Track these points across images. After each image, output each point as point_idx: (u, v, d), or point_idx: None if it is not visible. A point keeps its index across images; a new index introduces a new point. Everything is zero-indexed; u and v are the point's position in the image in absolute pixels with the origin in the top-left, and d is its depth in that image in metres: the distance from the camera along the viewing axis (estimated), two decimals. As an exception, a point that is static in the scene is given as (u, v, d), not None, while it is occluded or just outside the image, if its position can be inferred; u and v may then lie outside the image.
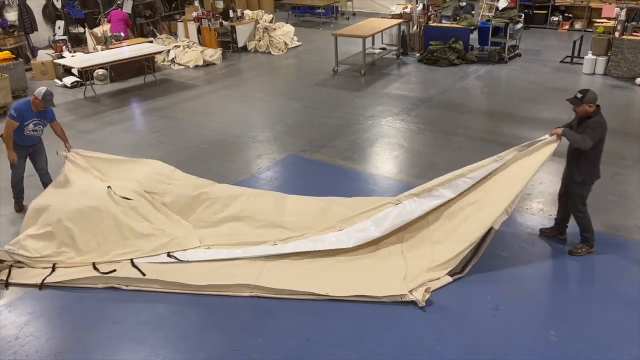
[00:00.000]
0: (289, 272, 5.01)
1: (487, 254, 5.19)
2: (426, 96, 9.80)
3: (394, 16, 13.09)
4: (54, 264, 5.17)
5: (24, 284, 5.02)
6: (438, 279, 4.76)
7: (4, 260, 5.18)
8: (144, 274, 5.00)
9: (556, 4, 14.73)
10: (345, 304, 4.62)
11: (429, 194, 5.23)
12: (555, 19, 14.75)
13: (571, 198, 5.04)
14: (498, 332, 4.29)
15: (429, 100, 9.54)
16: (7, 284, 5.03)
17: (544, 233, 5.44)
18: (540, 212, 5.91)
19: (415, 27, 12.66)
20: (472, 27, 11.96)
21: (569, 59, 11.50)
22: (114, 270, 5.05)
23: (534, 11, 14.89)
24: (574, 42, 11.49)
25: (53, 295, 4.89)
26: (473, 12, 13.08)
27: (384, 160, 7.39)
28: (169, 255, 5.28)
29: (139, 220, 5.52)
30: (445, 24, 12.39)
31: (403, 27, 12.49)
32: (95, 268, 5.10)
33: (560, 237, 5.36)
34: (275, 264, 5.11)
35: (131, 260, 5.20)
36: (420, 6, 12.84)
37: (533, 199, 6.17)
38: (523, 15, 12.70)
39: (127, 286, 4.95)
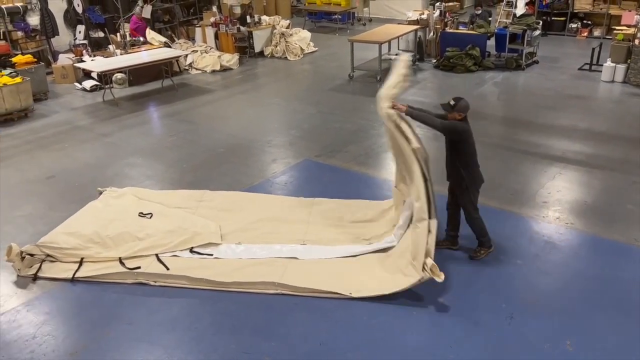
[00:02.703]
0: (313, 270, 5.07)
1: (502, 262, 5.16)
2: (442, 102, 9.74)
3: (410, 22, 13.07)
4: (82, 259, 5.27)
5: (54, 278, 5.13)
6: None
7: (35, 254, 5.27)
8: (168, 269, 5.09)
9: (575, 11, 14.61)
10: (359, 308, 4.61)
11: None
12: (574, 25, 14.62)
13: (463, 206, 5.06)
14: (513, 341, 4.24)
15: (445, 107, 9.50)
16: (35, 278, 5.13)
17: (437, 246, 4.92)
18: (557, 221, 5.85)
19: (431, 34, 12.65)
20: (489, 34, 11.91)
21: (587, 67, 11.39)
22: (139, 267, 5.13)
23: (552, 18, 14.78)
24: (593, 49, 11.38)
25: (70, 295, 4.95)
26: (490, 18, 13.02)
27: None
28: (191, 251, 5.38)
29: (164, 217, 5.81)
30: (462, 30, 12.35)
31: (419, 33, 12.49)
32: (121, 263, 5.19)
33: (453, 248, 5.27)
34: (299, 262, 5.18)
35: (156, 255, 5.29)
36: (437, 12, 12.82)
37: (550, 207, 6.11)
38: (541, 22, 12.63)
39: (155, 282, 5.03)
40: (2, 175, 7.42)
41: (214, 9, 14.80)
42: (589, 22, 14.57)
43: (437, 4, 13.23)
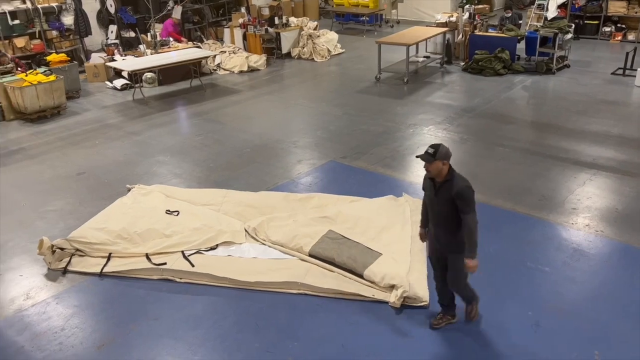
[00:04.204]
0: (336, 271, 5.07)
1: (529, 269, 5.08)
2: (470, 106, 9.67)
3: (439, 24, 12.98)
4: (110, 254, 5.38)
5: (83, 272, 5.26)
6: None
7: (65, 249, 5.41)
8: (193, 266, 5.17)
9: (608, 14, 14.29)
10: (382, 312, 4.60)
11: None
12: (607, 29, 14.29)
13: (456, 273, 4.11)
14: (539, 350, 4.17)
15: (473, 110, 9.41)
16: (65, 271, 5.27)
17: (436, 326, 4.40)
18: (586, 228, 5.73)
19: (460, 36, 12.53)
20: (519, 37, 11.73)
21: (620, 71, 11.12)
22: (165, 263, 5.23)
23: (585, 21, 14.48)
24: (627, 53, 11.10)
25: (98, 289, 5.06)
26: (520, 21, 12.83)
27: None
28: (212, 249, 5.46)
29: (190, 215, 5.90)
30: (492, 33, 12.21)
31: (448, 36, 12.39)
32: (148, 259, 5.29)
33: (453, 321, 4.44)
34: (322, 263, 5.18)
35: (182, 252, 5.38)
36: (467, 15, 12.70)
37: (579, 214, 5.99)
38: (573, 25, 12.38)
39: (180, 279, 5.11)
40: (35, 170, 7.62)
41: (243, 10, 14.94)
42: (623, 26, 14.22)
43: (467, 6, 13.10)
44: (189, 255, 5.33)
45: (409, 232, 5.53)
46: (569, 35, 11.61)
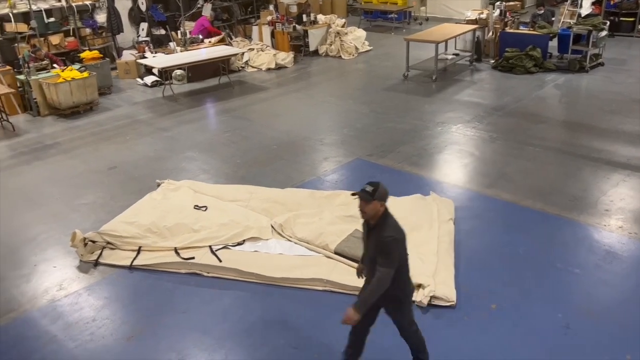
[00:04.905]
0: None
1: (560, 270, 4.99)
2: (500, 104, 9.52)
3: (468, 22, 12.81)
4: (140, 247, 5.49)
5: (113, 264, 5.38)
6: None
7: (96, 241, 5.54)
8: (220, 261, 5.24)
9: (645, 11, 13.89)
10: (408, 311, 4.57)
11: None
12: (644, 26, 13.91)
13: (397, 322, 3.76)
14: (569, 352, 4.09)
15: (503, 109, 9.27)
16: (96, 264, 5.40)
17: None
18: (619, 230, 5.59)
19: (490, 33, 12.34)
20: (552, 35, 11.49)
21: (657, 69, 10.81)
22: (193, 258, 5.30)
23: (620, 18, 14.09)
24: (664, 51, 10.79)
25: (128, 281, 5.17)
26: (553, 18, 12.56)
27: (453, 168, 7.25)
28: (239, 244, 5.52)
29: (218, 211, 6.01)
30: (523, 30, 11.99)
31: (478, 33, 12.21)
32: (177, 253, 5.37)
33: None
34: (347, 261, 5.17)
35: (210, 247, 5.45)
36: (497, 12, 12.50)
37: (612, 215, 5.85)
38: (608, 22, 12.07)
39: (208, 273, 5.19)
40: (68, 165, 7.82)
41: (271, 7, 15.00)
42: (661, 23, 13.82)
43: (497, 3, 12.90)
44: (216, 250, 5.39)
45: (435, 233, 5.49)
46: (604, 33, 11.32)
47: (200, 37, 12.76)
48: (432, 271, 4.88)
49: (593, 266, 5.05)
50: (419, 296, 4.63)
